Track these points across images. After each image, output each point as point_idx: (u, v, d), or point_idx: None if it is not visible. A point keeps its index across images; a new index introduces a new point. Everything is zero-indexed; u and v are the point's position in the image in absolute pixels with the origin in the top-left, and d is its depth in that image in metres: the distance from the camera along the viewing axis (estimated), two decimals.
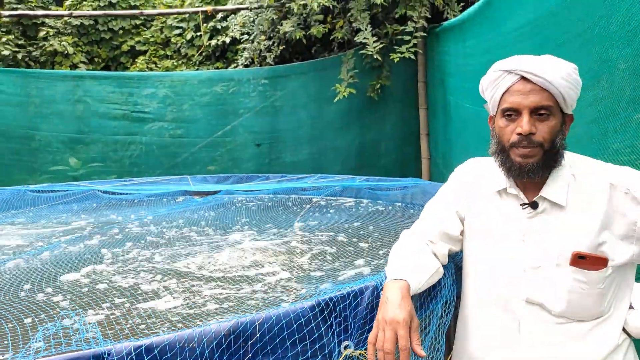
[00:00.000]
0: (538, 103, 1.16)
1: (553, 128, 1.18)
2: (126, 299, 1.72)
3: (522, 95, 1.18)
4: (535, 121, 1.18)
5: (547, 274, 1.21)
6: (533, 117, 1.18)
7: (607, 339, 1.21)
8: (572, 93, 1.17)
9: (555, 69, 1.16)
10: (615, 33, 1.92)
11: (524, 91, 1.18)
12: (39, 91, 5.93)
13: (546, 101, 1.16)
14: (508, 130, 1.21)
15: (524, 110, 1.18)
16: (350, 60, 5.40)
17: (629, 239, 1.16)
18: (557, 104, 1.18)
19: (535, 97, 1.17)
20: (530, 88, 1.17)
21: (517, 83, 1.19)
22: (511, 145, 1.21)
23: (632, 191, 1.15)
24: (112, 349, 0.95)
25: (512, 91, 1.20)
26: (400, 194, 3.72)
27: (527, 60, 1.19)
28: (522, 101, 1.18)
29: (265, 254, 2.32)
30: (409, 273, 1.22)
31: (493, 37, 3.34)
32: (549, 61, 1.18)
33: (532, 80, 1.17)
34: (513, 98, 1.19)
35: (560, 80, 1.15)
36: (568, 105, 1.19)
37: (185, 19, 8.24)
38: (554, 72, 1.15)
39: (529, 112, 1.17)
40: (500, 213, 1.29)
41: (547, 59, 1.20)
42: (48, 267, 2.15)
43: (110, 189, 4.17)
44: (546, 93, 1.17)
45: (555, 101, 1.18)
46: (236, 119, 6.04)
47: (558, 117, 1.19)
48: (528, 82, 1.17)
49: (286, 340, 1.10)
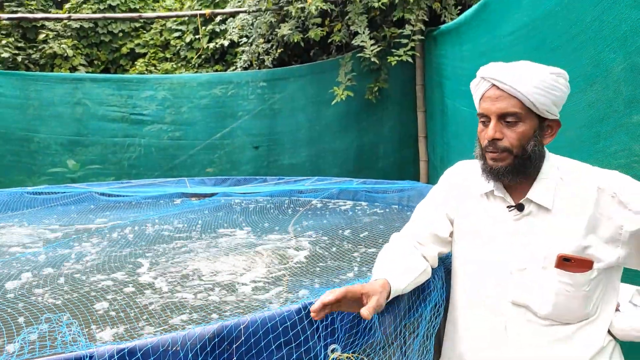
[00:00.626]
0: (504, 110, 1.19)
1: (522, 134, 1.19)
2: (115, 301, 1.72)
3: (491, 102, 1.21)
4: (503, 127, 1.20)
5: (533, 276, 1.21)
6: (501, 123, 1.20)
7: (592, 341, 1.22)
8: (544, 99, 1.17)
9: (525, 75, 1.17)
10: (608, 36, 1.92)
11: (493, 97, 1.21)
12: (38, 94, 5.95)
13: (513, 108, 1.18)
14: (482, 134, 1.25)
15: (492, 116, 1.21)
16: (348, 63, 5.41)
17: (615, 242, 1.16)
18: (529, 110, 1.19)
19: (501, 103, 1.19)
20: (498, 94, 1.20)
21: (490, 90, 1.22)
22: (484, 149, 1.25)
23: (618, 195, 1.15)
24: (95, 351, 0.95)
25: (485, 97, 1.24)
26: (397, 197, 3.72)
27: (499, 67, 1.22)
28: (490, 107, 1.21)
29: (257, 256, 2.31)
30: (392, 274, 1.22)
31: (489, 41, 3.34)
32: (521, 68, 1.20)
33: (501, 87, 1.19)
34: (485, 104, 1.23)
35: (528, 87, 1.16)
36: (542, 111, 1.19)
37: (184, 22, 8.26)
38: (523, 79, 1.17)
39: (496, 118, 1.20)
40: (488, 215, 1.30)
41: (520, 65, 1.21)
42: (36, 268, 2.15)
43: (107, 191, 4.16)
44: (514, 100, 1.18)
45: (525, 108, 1.19)
46: (234, 121, 6.05)
47: (530, 123, 1.20)
48: (498, 89, 1.20)
49: (271, 343, 1.10)
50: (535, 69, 1.19)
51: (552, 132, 1.24)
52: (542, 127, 1.22)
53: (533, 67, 1.20)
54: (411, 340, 1.35)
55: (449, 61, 4.55)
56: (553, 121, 1.24)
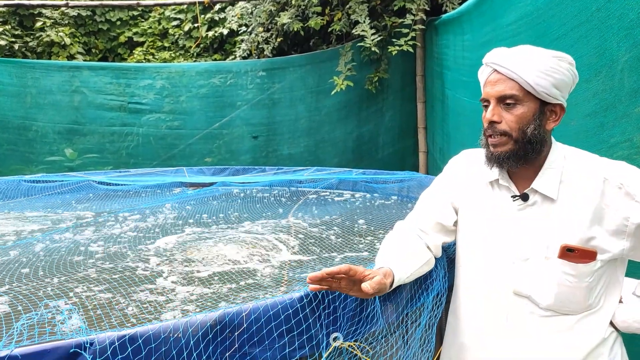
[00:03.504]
0: (502, 92, 1.19)
1: (520, 117, 1.18)
2: (115, 289, 1.71)
3: (491, 86, 1.21)
4: (502, 110, 1.20)
5: (536, 267, 1.20)
6: (500, 106, 1.20)
7: (593, 332, 1.21)
8: (543, 81, 1.16)
9: (523, 57, 1.17)
10: (614, 25, 1.90)
11: (493, 81, 1.21)
12: (35, 82, 5.90)
13: (510, 90, 1.18)
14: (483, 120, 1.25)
15: (491, 99, 1.21)
16: (348, 53, 5.37)
17: (621, 234, 1.15)
18: (528, 94, 1.18)
19: (500, 86, 1.19)
20: (497, 78, 1.20)
21: (491, 75, 1.22)
22: (485, 134, 1.24)
23: (625, 186, 1.13)
24: (95, 338, 0.93)
25: (486, 82, 1.24)
26: (397, 187, 3.71)
27: (498, 52, 1.22)
28: (489, 91, 1.21)
29: (258, 245, 2.30)
30: (396, 263, 1.21)
31: (491, 30, 3.31)
32: (520, 51, 1.20)
33: (500, 71, 1.19)
34: (486, 89, 1.23)
35: (527, 69, 1.15)
36: (540, 94, 1.17)
37: (183, 11, 8.19)
38: (520, 61, 1.16)
39: (495, 101, 1.20)
40: (492, 204, 1.29)
41: (519, 49, 1.21)
42: (35, 256, 2.14)
43: (105, 180, 4.14)
44: (512, 82, 1.18)
45: (523, 90, 1.18)
46: (233, 111, 6.02)
47: (529, 106, 1.19)
48: (498, 73, 1.20)
49: (273, 331, 1.09)
50: (535, 52, 1.18)
51: (556, 117, 1.22)
52: (544, 112, 1.20)
53: (534, 50, 1.19)
54: (413, 329, 1.34)
55: (450, 51, 4.51)
56: (556, 106, 1.21)
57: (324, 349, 1.14)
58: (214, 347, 1.03)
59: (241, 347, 1.06)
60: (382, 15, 5.29)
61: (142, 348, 0.96)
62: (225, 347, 1.05)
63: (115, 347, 0.94)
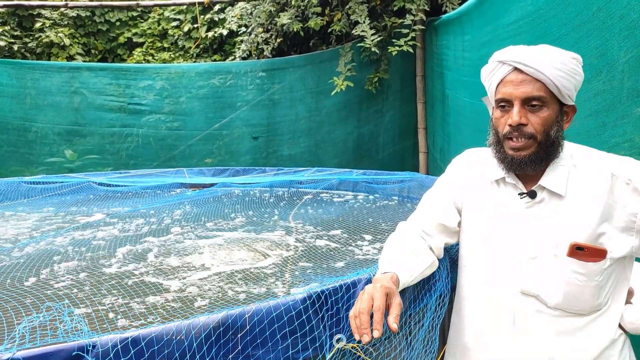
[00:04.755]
0: (529, 94, 1.14)
1: (546, 119, 1.15)
2: (117, 291, 1.70)
3: (514, 86, 1.16)
4: (527, 112, 1.16)
5: (544, 265, 1.19)
6: (525, 108, 1.16)
7: (603, 334, 1.19)
8: (567, 83, 1.14)
9: (548, 58, 1.14)
10: (615, 25, 1.90)
11: (516, 82, 1.16)
12: (35, 82, 5.90)
13: (538, 92, 1.14)
14: (502, 121, 1.20)
15: (515, 101, 1.16)
16: (348, 53, 5.36)
17: (629, 230, 1.13)
18: (552, 95, 1.16)
19: (526, 87, 1.15)
20: (522, 79, 1.15)
21: (511, 74, 1.17)
22: (504, 137, 1.19)
23: (633, 182, 1.12)
24: (98, 341, 0.93)
25: (505, 82, 1.18)
26: (397, 188, 3.70)
27: (520, 50, 1.17)
28: (513, 92, 1.16)
29: (259, 247, 2.30)
30: (400, 266, 1.20)
31: (491, 30, 3.31)
32: (543, 51, 1.16)
33: (524, 71, 1.15)
34: (505, 89, 1.18)
35: (553, 70, 1.13)
36: (565, 96, 1.16)
37: (182, 11, 8.18)
38: (547, 62, 1.13)
39: (520, 102, 1.16)
40: (498, 202, 1.27)
41: (542, 48, 1.17)
42: (36, 258, 2.13)
43: (105, 181, 4.13)
44: (538, 83, 1.14)
45: (549, 92, 1.15)
46: (233, 111, 6.01)
47: (553, 108, 1.17)
48: (520, 73, 1.16)
49: (277, 333, 1.09)
50: (557, 53, 1.16)
51: (568, 118, 1.21)
52: (563, 113, 1.19)
53: (555, 50, 1.16)
54: (416, 330, 1.34)
55: (450, 51, 4.51)
56: (569, 107, 1.21)
57: (327, 351, 1.14)
58: (217, 349, 1.03)
59: (244, 349, 1.06)
60: (382, 16, 5.29)
61: (145, 350, 0.96)
62: (229, 349, 1.04)
63: (118, 349, 0.93)
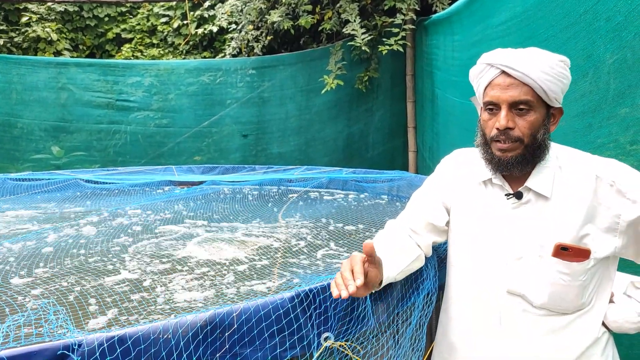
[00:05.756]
0: (516, 98, 1.16)
1: (533, 123, 1.17)
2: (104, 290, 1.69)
3: (502, 90, 1.17)
4: (514, 116, 1.17)
5: (530, 265, 1.20)
6: (512, 111, 1.17)
7: (587, 332, 1.21)
8: (554, 87, 1.16)
9: (536, 62, 1.15)
10: (601, 27, 1.92)
11: (504, 85, 1.17)
12: (21, 78, 5.81)
13: (525, 96, 1.15)
14: (490, 124, 1.21)
15: (503, 104, 1.17)
16: (338, 52, 5.37)
17: (613, 231, 1.15)
18: (539, 98, 1.17)
19: (514, 91, 1.16)
20: (509, 82, 1.16)
21: (498, 77, 1.18)
22: (492, 139, 1.21)
23: (617, 183, 1.14)
24: (84, 339, 0.92)
25: (493, 85, 1.20)
26: (387, 187, 3.71)
27: (508, 53, 1.18)
28: (501, 95, 1.17)
29: (248, 244, 2.29)
30: (384, 261, 1.21)
31: (480, 31, 3.33)
32: (531, 54, 1.17)
33: (512, 75, 1.16)
34: (493, 92, 1.19)
35: (540, 74, 1.14)
36: (552, 99, 1.17)
37: (172, 7, 8.12)
38: (535, 66, 1.14)
39: (507, 106, 1.17)
40: (485, 203, 1.28)
41: (530, 51, 1.18)
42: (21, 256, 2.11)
43: (93, 178, 4.09)
44: (526, 87, 1.15)
45: (536, 95, 1.16)
46: (223, 109, 5.98)
47: (540, 111, 1.18)
48: (508, 76, 1.17)
49: (264, 331, 1.09)
50: (545, 56, 1.17)
51: (554, 120, 1.23)
52: (549, 115, 1.21)
53: (542, 54, 1.17)
54: (404, 328, 1.35)
55: (440, 51, 4.53)
56: (556, 109, 1.22)
57: (315, 349, 1.14)
58: (204, 348, 1.03)
59: (232, 347, 1.06)
60: (372, 15, 5.30)
61: (132, 349, 0.96)
62: (216, 347, 1.04)
63: (104, 348, 0.93)
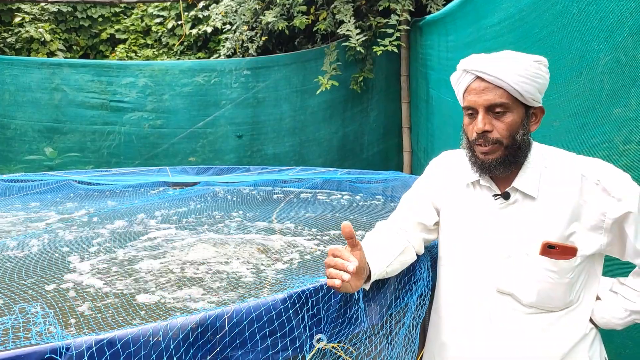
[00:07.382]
0: (491, 101, 1.18)
1: (511, 124, 1.19)
2: (93, 291, 1.67)
3: (477, 94, 1.20)
4: (492, 119, 1.20)
5: (518, 264, 1.22)
6: (489, 115, 1.20)
7: (575, 329, 1.24)
8: (529, 88, 1.17)
9: (510, 65, 1.17)
10: (595, 27, 1.92)
11: (479, 90, 1.20)
12: (14, 79, 5.77)
13: (500, 98, 1.18)
14: (470, 128, 1.24)
15: (479, 108, 1.20)
16: (333, 53, 5.36)
17: (598, 229, 1.18)
18: (516, 100, 1.19)
19: (488, 95, 1.18)
20: (484, 87, 1.19)
21: (474, 82, 1.21)
22: (473, 142, 1.24)
23: (602, 182, 1.16)
24: (72, 342, 0.91)
25: (469, 90, 1.23)
26: (381, 187, 3.71)
27: (481, 59, 1.21)
28: (477, 100, 1.20)
29: (241, 246, 2.28)
30: (372, 258, 1.21)
31: (474, 31, 3.34)
32: (505, 58, 1.19)
33: (486, 79, 1.19)
34: (470, 97, 1.22)
35: (514, 76, 1.16)
36: (528, 100, 1.19)
37: (166, 8, 8.10)
38: (508, 69, 1.16)
39: (484, 110, 1.20)
40: (473, 204, 1.31)
41: (503, 55, 1.20)
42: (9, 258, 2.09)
43: (86, 179, 4.06)
44: (500, 90, 1.18)
45: (512, 97, 1.18)
46: (217, 110, 5.97)
47: (518, 112, 1.20)
48: (483, 81, 1.20)
49: (256, 333, 1.08)
50: (518, 58, 1.19)
51: (536, 119, 1.25)
52: (529, 115, 1.23)
53: (516, 56, 1.20)
54: (397, 329, 1.34)
55: (435, 52, 4.54)
56: (537, 108, 1.25)
57: (308, 351, 1.13)
58: (195, 350, 1.01)
59: (223, 350, 1.05)
60: (367, 16, 5.30)
61: (121, 352, 0.94)
62: (207, 350, 1.03)
63: (93, 351, 0.91)
